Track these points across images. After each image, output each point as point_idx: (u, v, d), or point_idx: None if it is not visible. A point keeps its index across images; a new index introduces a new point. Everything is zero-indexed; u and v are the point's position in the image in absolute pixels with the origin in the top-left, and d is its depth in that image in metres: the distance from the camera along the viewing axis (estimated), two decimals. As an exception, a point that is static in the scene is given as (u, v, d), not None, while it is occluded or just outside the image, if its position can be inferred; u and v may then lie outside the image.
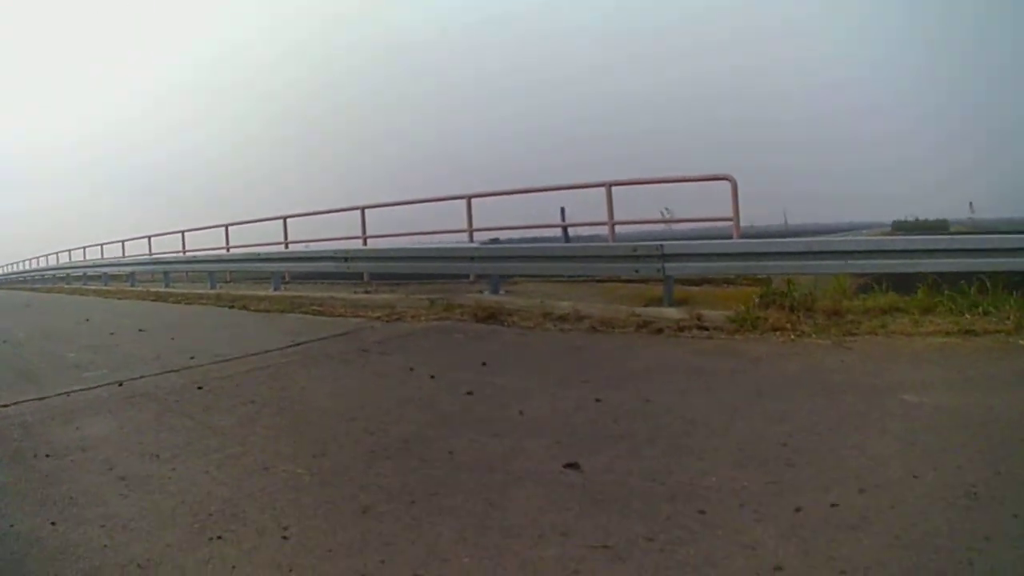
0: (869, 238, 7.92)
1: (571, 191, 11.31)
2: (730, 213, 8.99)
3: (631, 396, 4.59)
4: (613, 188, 10.06)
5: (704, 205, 10.24)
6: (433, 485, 3.22)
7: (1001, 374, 5.05)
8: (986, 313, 6.84)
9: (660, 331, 6.81)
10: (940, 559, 2.35)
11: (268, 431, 4.21)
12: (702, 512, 2.82)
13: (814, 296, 7.34)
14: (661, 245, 7.85)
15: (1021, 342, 6.05)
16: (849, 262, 7.28)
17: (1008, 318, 6.61)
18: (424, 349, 6.52)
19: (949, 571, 2.28)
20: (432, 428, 4.09)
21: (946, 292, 7.34)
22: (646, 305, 7.81)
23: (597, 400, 4.49)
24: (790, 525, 2.68)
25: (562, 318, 7.45)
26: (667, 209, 10.83)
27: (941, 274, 7.26)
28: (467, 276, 11.24)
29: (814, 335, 6.40)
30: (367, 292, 10.90)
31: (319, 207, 15.27)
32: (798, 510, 2.80)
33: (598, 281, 9.92)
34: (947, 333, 6.35)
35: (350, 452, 3.75)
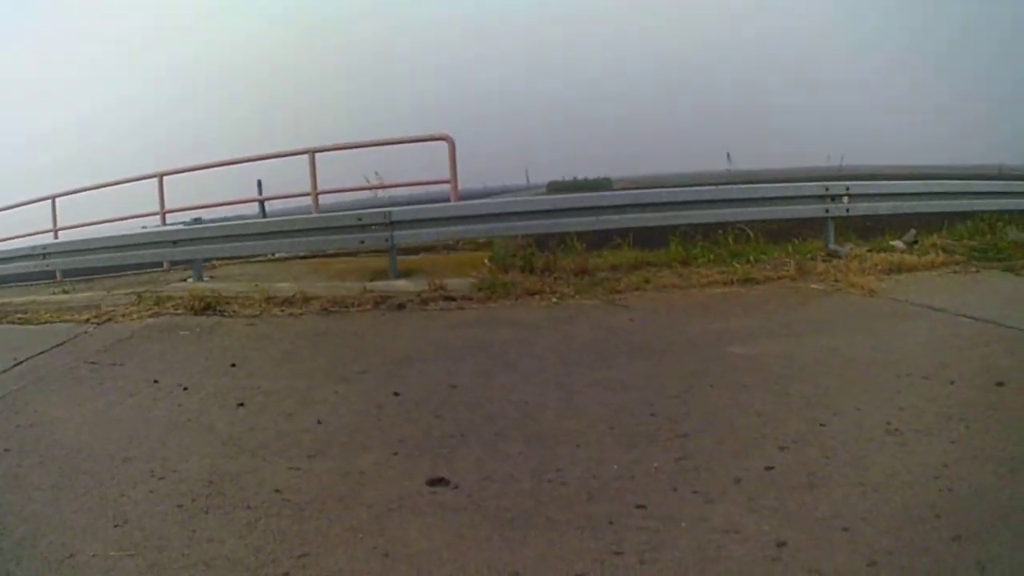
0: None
1: (276, 161, 11.00)
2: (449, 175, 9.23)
3: (431, 383, 4.53)
4: (318, 155, 10.11)
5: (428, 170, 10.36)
6: (291, 541, 2.72)
7: (813, 316, 5.88)
8: (756, 261, 7.63)
9: (402, 306, 6.73)
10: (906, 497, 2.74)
11: (39, 494, 3.39)
12: (642, 507, 2.78)
13: (551, 257, 7.64)
14: (389, 212, 7.80)
15: (812, 287, 6.79)
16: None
17: (786, 265, 7.45)
18: (155, 355, 6.08)
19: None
20: (230, 460, 3.63)
21: (699, 244, 8.13)
22: (372, 279, 7.71)
23: (396, 394, 4.37)
24: (745, 497, 2.79)
25: (287, 302, 7.21)
26: (377, 174, 11.03)
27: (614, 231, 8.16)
28: (160, 264, 10.68)
29: (577, 296, 6.67)
30: (66, 292, 10.16)
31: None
32: (737, 481, 2.94)
33: (302, 258, 9.88)
34: (724, 284, 6.93)
35: (149, 509, 3.11)
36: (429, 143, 9.66)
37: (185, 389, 4.93)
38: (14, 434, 4.57)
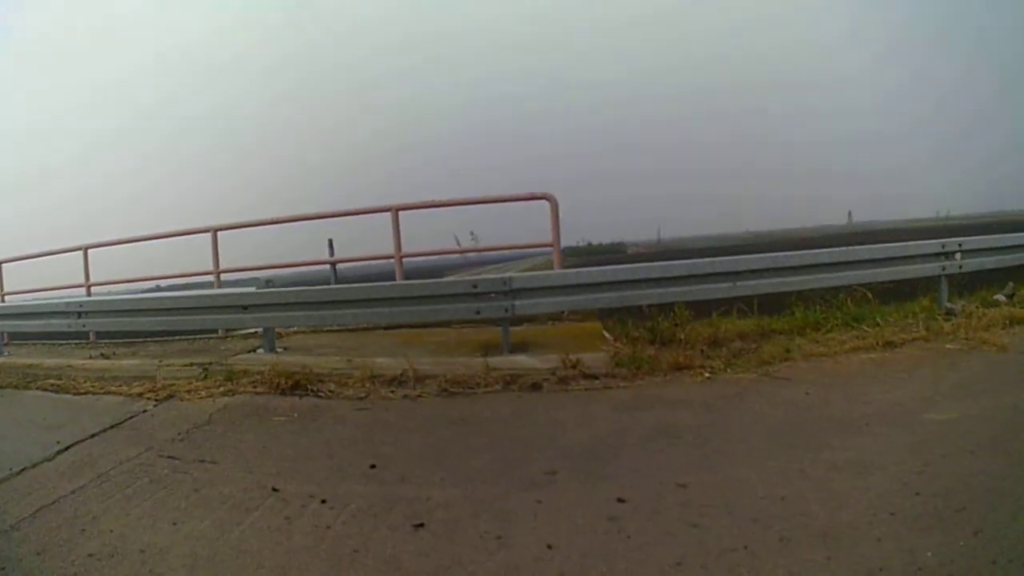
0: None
1: (349, 219, 9.55)
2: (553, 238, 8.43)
3: (651, 483, 3.81)
4: (401, 213, 8.88)
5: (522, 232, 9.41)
6: None
7: (975, 376, 5.57)
8: (876, 325, 7.31)
9: (538, 386, 5.91)
10: None
11: None
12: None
13: (676, 327, 7.14)
14: (509, 279, 7.07)
15: (947, 346, 6.55)
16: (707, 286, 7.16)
17: (913, 326, 7.22)
18: (254, 448, 4.78)
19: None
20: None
21: (819, 308, 7.75)
22: (485, 355, 6.98)
23: (620, 500, 3.57)
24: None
25: (396, 381, 6.21)
26: (473, 234, 10.04)
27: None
28: (215, 331, 9.84)
29: (729, 370, 6.13)
30: (105, 356, 8.79)
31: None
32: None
33: (385, 328, 9.00)
34: (866, 349, 6.59)
35: None
36: (530, 203, 8.54)
37: (323, 502, 3.79)
38: (88, 572, 3.19)
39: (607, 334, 7.43)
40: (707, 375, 6.02)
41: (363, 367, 6.49)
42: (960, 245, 8.49)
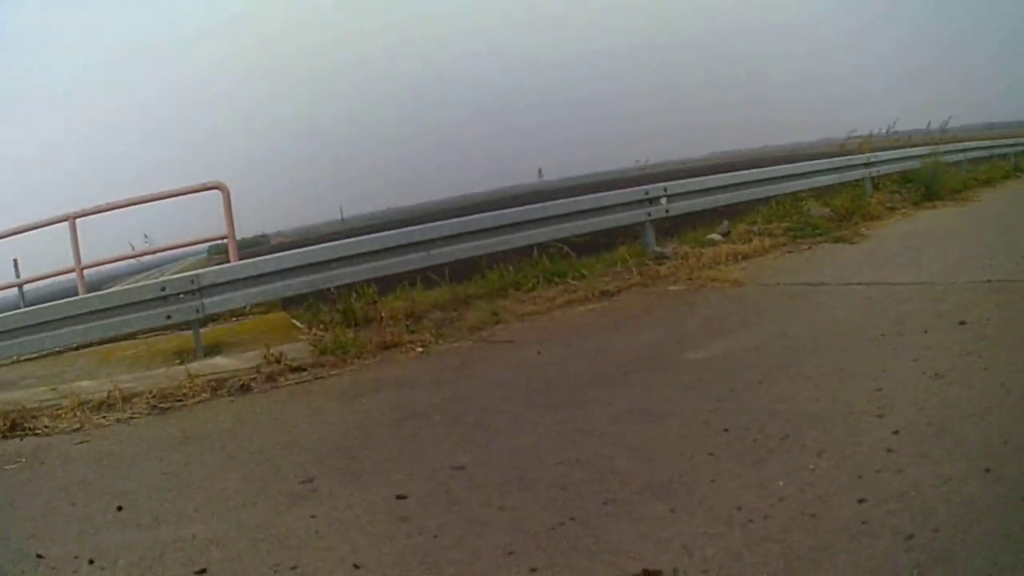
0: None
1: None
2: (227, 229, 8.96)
3: (426, 473, 3.80)
4: (79, 220, 8.96)
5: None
6: None
7: (719, 313, 6.57)
8: (582, 276, 8.17)
9: (247, 388, 5.94)
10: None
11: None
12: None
13: (371, 305, 7.47)
14: (197, 276, 7.09)
15: (671, 288, 7.69)
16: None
17: (625, 274, 8.21)
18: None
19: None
20: None
21: (511, 268, 8.40)
22: (183, 361, 6.82)
23: (400, 497, 3.54)
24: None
25: (105, 405, 6.03)
26: (146, 237, 10.17)
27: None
28: None
29: (442, 341, 6.59)
30: None
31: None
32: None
33: (74, 349, 8.20)
34: (581, 302, 7.45)
35: None
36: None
37: (91, 562, 3.38)
38: None
39: (297, 322, 7.57)
40: (420, 350, 6.34)
41: (70, 395, 6.22)
42: (666, 190, 9.42)
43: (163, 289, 7.09)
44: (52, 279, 10.40)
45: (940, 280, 6.53)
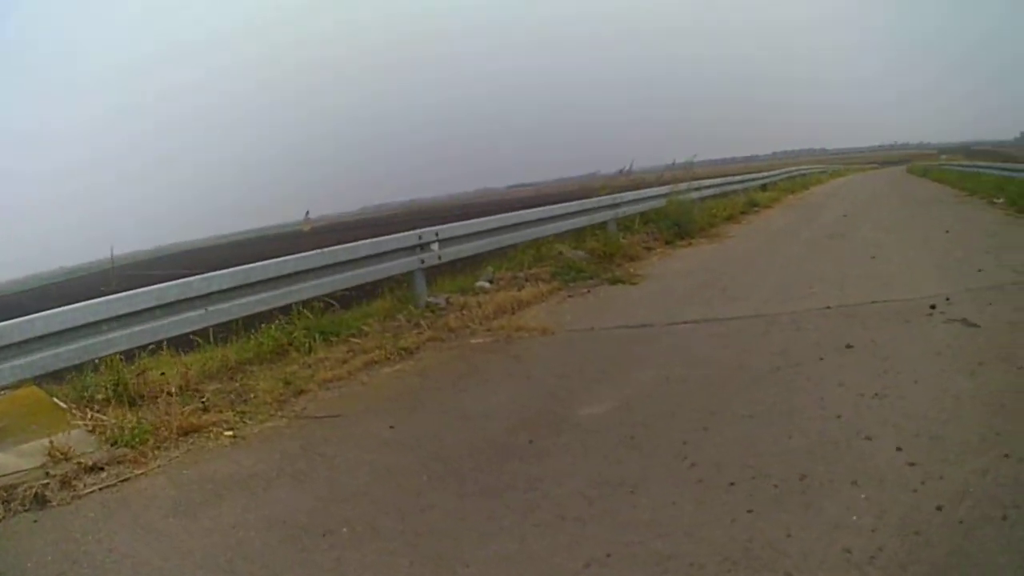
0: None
1: None
2: None
3: None
4: None
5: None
6: None
7: (554, 360, 6.63)
8: (363, 333, 7.81)
9: (44, 499, 4.70)
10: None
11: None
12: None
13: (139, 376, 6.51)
14: None
15: (473, 341, 7.48)
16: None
17: (414, 328, 7.94)
18: None
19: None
20: None
21: (274, 327, 7.71)
22: None
23: None
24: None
25: None
26: None
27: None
28: None
29: (248, 422, 5.84)
30: None
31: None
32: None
33: None
34: (383, 362, 7.09)
35: None
36: None
37: None
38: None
39: (58, 401, 6.39)
40: (229, 434, 5.63)
41: None
42: (437, 234, 9.24)
43: None
44: None
45: (774, 311, 7.12)
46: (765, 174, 30.48)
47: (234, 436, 5.63)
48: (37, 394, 6.62)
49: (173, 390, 6.23)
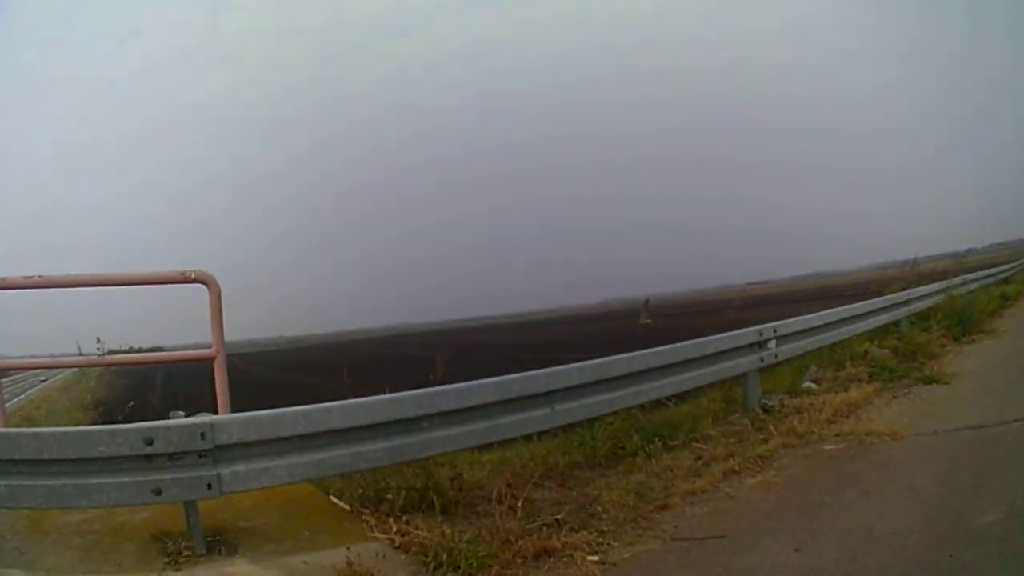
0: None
1: None
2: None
3: None
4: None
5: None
6: None
7: (913, 470, 5.76)
8: (706, 436, 6.94)
9: None
10: None
11: None
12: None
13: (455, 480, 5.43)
14: (210, 426, 4.38)
15: (826, 448, 6.54)
16: None
17: (758, 432, 7.05)
18: None
19: None
20: None
21: (601, 426, 6.71)
22: (172, 562, 4.27)
23: None
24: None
25: None
26: (99, 342, 6.81)
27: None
28: None
29: (613, 542, 4.71)
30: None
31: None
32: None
33: None
34: (741, 472, 6.06)
35: None
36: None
37: None
38: None
39: (338, 501, 5.29)
40: (594, 558, 4.46)
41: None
42: (775, 331, 8.41)
43: (148, 441, 4.29)
44: None
45: None
46: (1005, 267, 27.63)
47: (601, 562, 4.48)
48: (306, 489, 5.47)
49: (494, 497, 5.14)
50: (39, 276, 5.56)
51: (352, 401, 5.01)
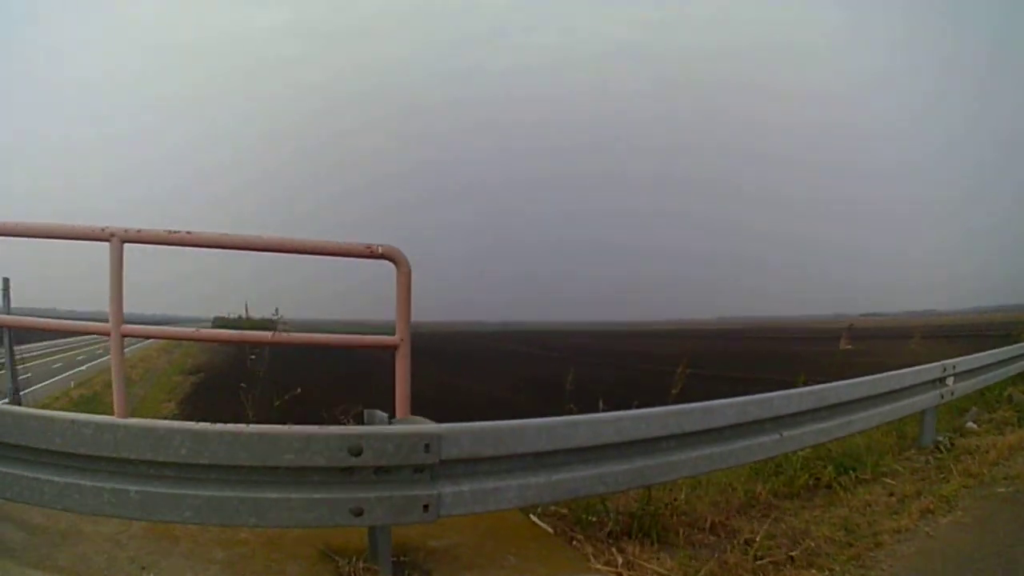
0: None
1: None
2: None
3: None
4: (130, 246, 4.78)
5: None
6: None
7: None
8: (893, 471, 6.99)
9: None
10: None
11: None
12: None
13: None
14: (436, 437, 3.80)
15: (999, 491, 6.46)
16: None
17: (938, 471, 7.01)
18: None
19: None
20: None
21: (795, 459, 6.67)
22: None
23: None
24: None
25: None
26: (277, 313, 5.98)
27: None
28: None
29: None
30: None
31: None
32: None
33: None
34: (935, 511, 5.96)
35: None
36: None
37: None
38: None
39: (539, 521, 4.93)
40: None
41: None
42: (954, 367, 8.26)
43: (356, 452, 3.70)
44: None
45: None
46: None
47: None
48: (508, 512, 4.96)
49: (707, 527, 5.08)
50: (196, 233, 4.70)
51: (596, 416, 4.68)
